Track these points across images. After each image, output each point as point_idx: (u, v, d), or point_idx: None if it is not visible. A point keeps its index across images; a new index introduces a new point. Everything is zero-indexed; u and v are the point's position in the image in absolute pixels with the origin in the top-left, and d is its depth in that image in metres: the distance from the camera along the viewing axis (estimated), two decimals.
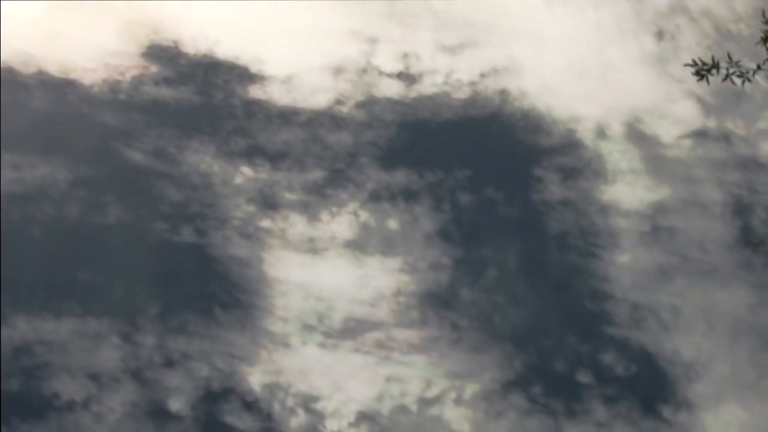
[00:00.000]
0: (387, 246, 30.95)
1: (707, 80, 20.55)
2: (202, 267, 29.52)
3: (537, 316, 30.31)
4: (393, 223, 31.73)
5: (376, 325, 28.91)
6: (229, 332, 28.02)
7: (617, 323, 30.38)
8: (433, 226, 31.93)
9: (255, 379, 27.14)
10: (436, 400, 27.60)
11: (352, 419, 26.66)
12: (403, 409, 27.25)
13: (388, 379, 27.77)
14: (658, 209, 33.82)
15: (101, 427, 25.47)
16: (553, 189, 33.78)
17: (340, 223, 31.40)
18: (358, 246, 30.88)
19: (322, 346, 28.21)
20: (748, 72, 20.31)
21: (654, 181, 34.95)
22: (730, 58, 20.26)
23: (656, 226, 33.29)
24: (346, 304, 29.20)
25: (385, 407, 27.18)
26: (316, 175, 32.81)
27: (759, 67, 20.44)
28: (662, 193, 34.65)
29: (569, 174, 34.48)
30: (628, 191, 34.43)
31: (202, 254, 29.83)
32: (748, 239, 33.85)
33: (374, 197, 32.39)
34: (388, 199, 32.33)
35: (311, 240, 30.79)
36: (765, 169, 35.81)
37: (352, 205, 32.09)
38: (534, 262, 31.72)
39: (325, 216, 31.59)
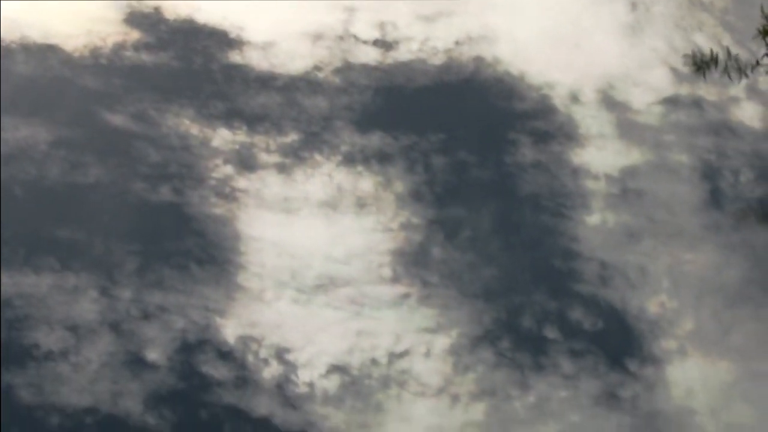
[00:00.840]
0: (360, 206, 31.90)
1: (704, 75, 20.25)
2: (178, 225, 30.48)
3: (507, 274, 31.30)
4: (366, 185, 32.68)
5: (348, 282, 29.88)
6: (205, 287, 28.99)
7: (585, 281, 31.38)
8: (406, 187, 32.88)
9: (229, 331, 28.11)
10: (406, 354, 28.60)
11: (323, 371, 27.65)
12: (373, 362, 28.25)
13: (359, 334, 28.76)
14: (628, 173, 34.83)
15: (80, 376, 26.46)
16: (526, 152, 34.74)
17: (315, 184, 32.36)
18: (331, 206, 31.84)
19: (295, 301, 29.19)
20: (746, 67, 20.27)
21: (625, 146, 35.94)
22: (728, 52, 20.34)
23: (625, 188, 34.28)
24: (319, 262, 30.18)
25: (356, 360, 28.18)
26: (293, 137, 33.75)
27: (758, 62, 19.78)
28: (632, 157, 35.66)
29: (542, 138, 35.47)
30: (599, 155, 35.42)
31: (179, 213, 30.78)
32: (716, 202, 34.88)
33: (349, 159, 33.35)
34: (363, 162, 33.29)
35: (286, 200, 31.74)
36: (735, 134, 36.80)
37: (327, 167, 33.04)
38: (505, 222, 32.70)
39: (300, 177, 32.54)
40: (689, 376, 30.26)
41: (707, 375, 30.46)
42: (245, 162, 32.70)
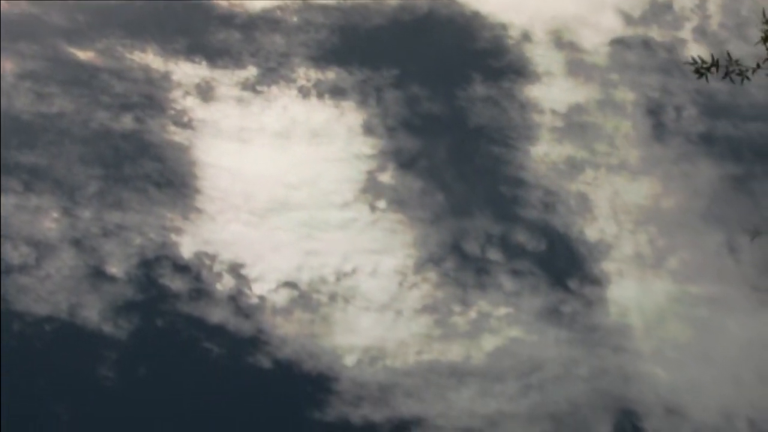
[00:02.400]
0: (313, 137, 34.03)
1: (706, 78, 20.95)
2: (139, 151, 32.57)
3: (454, 200, 33.44)
4: (320, 117, 34.80)
5: (299, 206, 32.04)
6: (162, 208, 31.15)
7: (530, 207, 33.55)
8: (358, 119, 34.98)
9: (185, 248, 30.29)
10: (353, 272, 30.77)
11: (274, 286, 29.84)
12: (321, 280, 30.44)
13: (308, 253, 30.94)
14: (574, 108, 36.96)
15: (46, 286, 28.60)
16: (478, 87, 36.85)
17: (270, 115, 34.44)
18: (285, 136, 33.94)
19: (248, 222, 31.35)
20: (747, 70, 20.60)
21: (573, 84, 38.05)
22: (729, 56, 20.61)
23: (571, 123, 36.43)
24: (272, 187, 32.32)
25: (305, 277, 30.38)
26: (251, 72, 35.80)
27: (758, 66, 20.71)
28: (579, 94, 37.77)
29: (494, 75, 37.55)
30: (547, 91, 37.52)
31: (139, 140, 32.89)
32: (659, 136, 36.97)
33: (304, 93, 35.42)
34: (317, 95, 35.35)
35: (242, 130, 33.86)
36: (681, 74, 38.90)
37: (283, 100, 35.12)
38: (455, 153, 34.82)
39: (256, 109, 34.62)
40: (626, 295, 32.46)
41: (643, 296, 32.67)
42: (204, 94, 34.77)
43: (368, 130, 34.46)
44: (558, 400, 29.59)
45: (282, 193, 32.27)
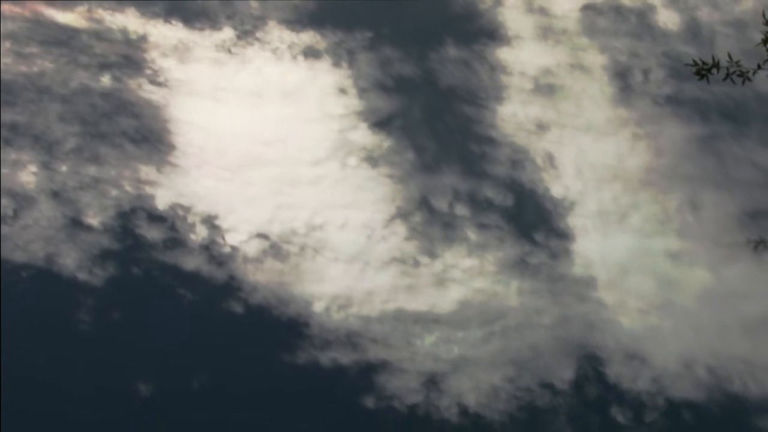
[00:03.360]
0: (287, 97, 35.69)
1: (707, 79, 20.92)
2: (116, 109, 34.23)
3: (424, 158, 35.13)
4: (294, 78, 36.46)
5: (270, 162, 33.71)
6: (138, 162, 32.82)
7: (498, 164, 35.22)
8: (331, 80, 36.64)
9: (160, 201, 31.98)
10: (322, 226, 32.45)
11: (245, 237, 31.52)
12: (292, 232, 32.13)
13: (279, 207, 32.62)
14: (543, 71, 38.62)
15: (23, 236, 30.26)
16: (450, 50, 38.48)
17: (245, 76, 36.10)
18: (259, 96, 35.62)
19: (221, 177, 33.04)
20: (748, 71, 20.85)
21: (543, 47, 39.72)
22: (730, 57, 20.74)
23: (539, 85, 38.10)
24: (244, 144, 34.00)
25: (276, 229, 32.07)
26: (227, 34, 37.45)
27: (759, 67, 20.91)
28: (549, 57, 39.43)
29: (466, 38, 39.18)
30: (518, 54, 39.19)
31: (117, 99, 34.54)
32: (625, 98, 38.65)
33: (278, 55, 37.07)
34: (291, 57, 37.02)
35: (217, 89, 35.51)
36: (650, 38, 40.56)
37: (257, 62, 36.76)
38: (425, 112, 36.50)
39: (231, 70, 36.29)
40: (591, 249, 34.16)
41: (607, 249, 34.38)
42: (181, 55, 36.42)
43: (341, 90, 36.09)
44: (520, 346, 31.27)
45: (255, 149, 33.92)
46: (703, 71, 21.16)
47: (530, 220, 34.27)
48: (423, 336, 30.73)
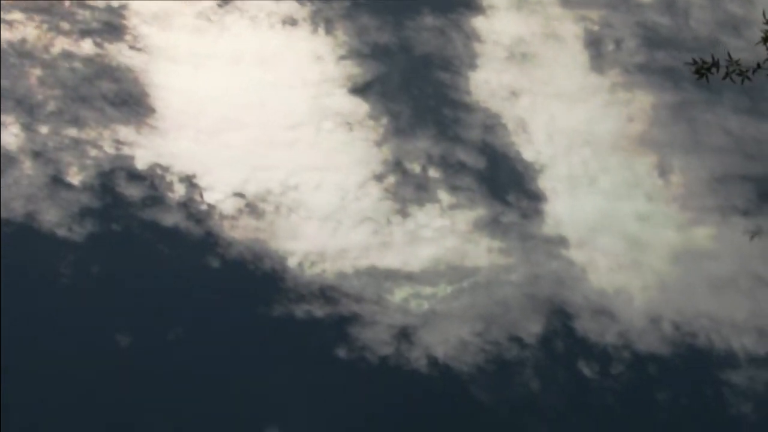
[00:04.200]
0: (264, 63, 37.40)
1: (707, 78, 21.61)
2: (96, 74, 35.88)
3: (399, 123, 36.83)
4: (271, 45, 38.15)
5: (247, 125, 35.39)
6: (118, 124, 34.51)
7: (471, 128, 36.91)
8: (308, 48, 38.33)
9: (140, 161, 33.67)
10: (297, 186, 34.15)
11: (222, 196, 33.19)
12: (268, 191, 33.80)
13: (256, 168, 34.30)
14: (517, 40, 40.34)
15: (8, 193, 31.89)
16: (426, 18, 40.17)
17: (223, 43, 37.78)
18: (237, 62, 37.29)
19: (198, 139, 34.70)
20: (747, 70, 21.44)
21: (517, 17, 41.44)
22: (729, 56, 21.34)
23: (513, 53, 39.81)
24: (222, 108, 35.68)
25: (252, 188, 33.77)
26: (207, 2, 39.11)
27: (759, 66, 21.50)
28: (522, 26, 41.16)
29: (442, 6, 40.86)
30: (493, 23, 40.89)
31: (98, 64, 36.18)
32: (597, 67, 40.40)
33: (256, 22, 38.73)
34: (269, 25, 38.69)
35: (195, 55, 37.19)
36: (625, 7, 42.26)
37: (236, 29, 38.44)
38: (401, 79, 38.21)
39: (210, 37, 37.96)
40: (561, 211, 35.87)
41: (577, 211, 36.09)
42: (162, 22, 38.08)
43: (318, 58, 37.79)
44: (489, 302, 32.97)
45: (233, 113, 35.61)
46: (703, 70, 21.83)
47: (502, 182, 35.93)
48: (394, 291, 32.40)
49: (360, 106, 36.96)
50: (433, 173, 35.67)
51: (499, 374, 31.58)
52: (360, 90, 37.35)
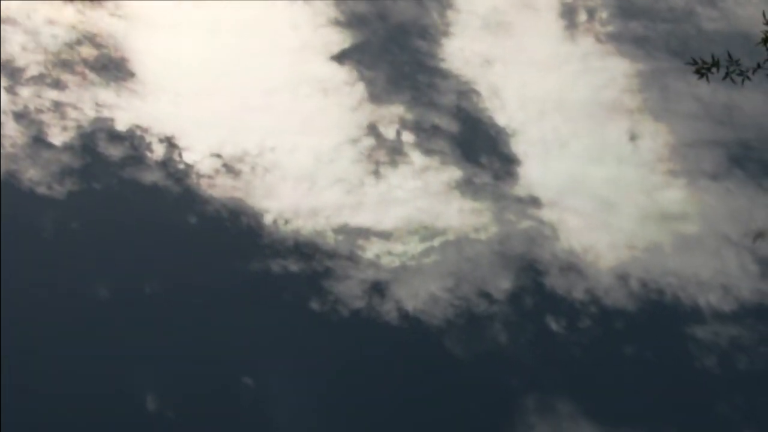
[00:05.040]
0: (242, 30, 39.15)
1: (707, 78, 21.70)
2: (78, 40, 37.60)
3: (374, 89, 38.63)
4: (250, 13, 39.87)
5: (225, 90, 37.17)
6: (98, 88, 36.22)
7: (445, 94, 38.65)
8: (286, 16, 40.07)
9: (120, 122, 35.42)
10: (273, 149, 35.88)
11: (200, 157, 34.95)
12: (244, 153, 35.54)
13: (233, 130, 36.08)
14: (492, 9, 42.09)
15: None
16: None
17: (203, 11, 39.52)
18: (215, 29, 39.04)
19: (177, 103, 36.43)
20: (747, 71, 21.52)
21: None
22: (730, 56, 21.47)
23: (488, 22, 41.57)
24: (199, 73, 37.41)
25: (229, 150, 35.51)
26: None
27: (759, 66, 21.53)
28: None
29: None
30: None
31: (78, 30, 37.88)
32: (570, 36, 41.98)
33: None
34: None
35: (176, 23, 38.94)
36: None
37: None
38: (377, 47, 39.95)
39: (189, 5, 39.71)
40: (532, 173, 37.61)
41: (548, 174, 37.82)
42: None
43: (295, 26, 39.53)
44: (460, 260, 34.71)
45: (211, 78, 37.34)
46: (703, 70, 22.05)
47: (475, 145, 37.65)
48: (366, 248, 34.12)
49: (336, 73, 38.68)
50: (407, 137, 37.39)
51: (468, 328, 33.27)
52: (337, 57, 39.05)
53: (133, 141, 35.16)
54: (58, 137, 34.88)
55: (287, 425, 30.60)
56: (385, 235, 34.73)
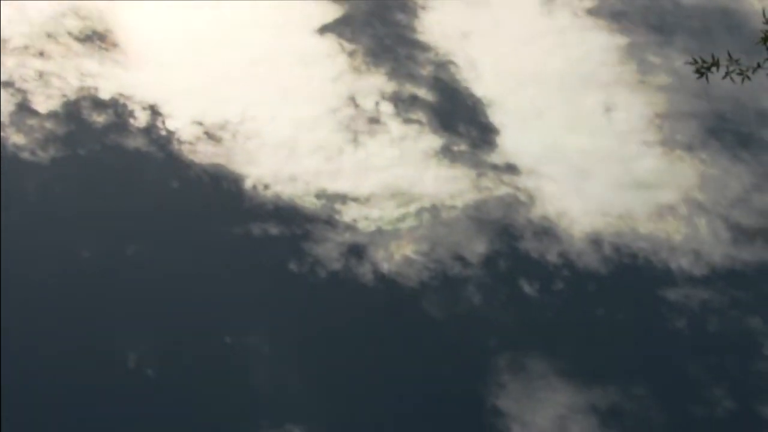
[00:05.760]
0: (226, 2, 40.63)
1: (707, 78, 21.89)
2: (62, 13, 39.18)
3: (354, 62, 40.14)
4: None
5: (207, 60, 38.69)
6: (82, 58, 37.75)
7: (423, 66, 40.19)
8: None
9: (104, 91, 36.95)
10: (254, 117, 37.48)
11: (181, 124, 36.50)
12: (225, 121, 37.14)
13: (214, 99, 37.64)
14: None
15: None
16: None
17: None
18: (199, 2, 40.55)
19: (160, 73, 37.97)
20: (747, 70, 22.15)
21: None
22: (730, 56, 22.03)
23: None
24: (182, 41, 38.98)
25: (211, 118, 37.07)
26: None
27: (759, 65, 21.67)
28: None
29: None
30: None
31: (63, 2, 39.43)
32: (547, 11, 43.57)
33: None
34: None
35: None
36: None
37: None
38: (357, 22, 41.48)
39: None
40: (509, 143, 39.18)
41: (525, 144, 39.38)
42: None
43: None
44: (436, 224, 36.25)
45: (194, 49, 38.87)
46: (703, 69, 22.27)
47: (453, 115, 39.25)
48: (343, 213, 35.64)
49: (318, 46, 40.21)
50: (386, 107, 38.92)
51: (443, 290, 34.79)
52: (319, 30, 40.57)
53: (116, 109, 36.67)
54: (42, 105, 36.38)
55: (266, 383, 32.09)
56: (362, 201, 36.24)
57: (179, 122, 36.89)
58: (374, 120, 38.69)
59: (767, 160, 40.15)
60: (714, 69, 22.25)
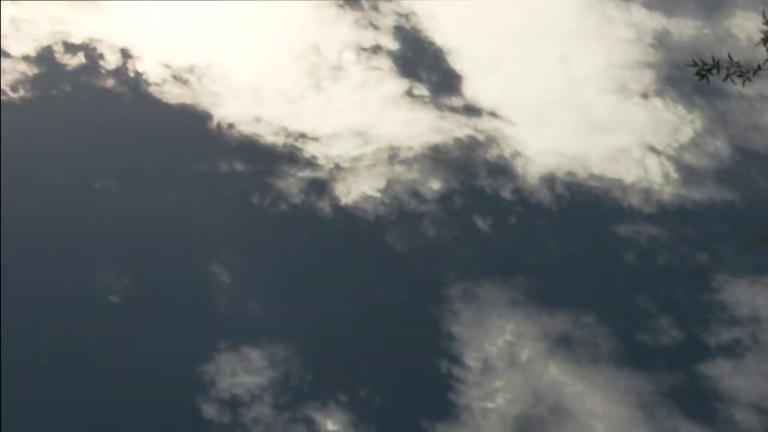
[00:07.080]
0: None
1: (707, 80, 22.36)
2: None
3: (316, 10, 42.89)
4: None
5: (175, 7, 41.51)
6: (53, 5, 40.59)
7: (385, 15, 43.01)
8: None
9: (75, 37, 39.82)
10: (220, 62, 40.32)
11: (151, 67, 39.39)
12: (192, 65, 40.00)
13: (182, 45, 40.49)
14: None
15: None
16: None
17: None
18: None
19: (129, 18, 40.85)
20: (748, 72, 22.45)
21: None
22: (730, 58, 22.33)
23: None
24: None
25: (178, 61, 39.95)
26: None
27: (759, 67, 22.48)
28: None
29: None
30: None
31: None
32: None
33: None
34: None
35: None
36: None
37: None
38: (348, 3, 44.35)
39: None
40: (469, 88, 41.95)
41: (484, 89, 42.15)
42: None
43: None
44: (394, 164, 39.09)
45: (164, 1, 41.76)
46: (704, 71, 22.83)
47: (415, 62, 42.10)
48: (304, 150, 38.51)
49: (303, 32, 43.12)
50: (349, 56, 41.74)
51: (398, 223, 37.62)
52: (305, 13, 43.42)
53: (87, 52, 39.54)
54: (15, 48, 39.25)
55: (227, 309, 34.94)
56: (322, 140, 39.07)
57: (148, 65, 39.75)
58: (337, 67, 41.50)
59: (720, 107, 42.89)
60: (715, 71, 22.90)
